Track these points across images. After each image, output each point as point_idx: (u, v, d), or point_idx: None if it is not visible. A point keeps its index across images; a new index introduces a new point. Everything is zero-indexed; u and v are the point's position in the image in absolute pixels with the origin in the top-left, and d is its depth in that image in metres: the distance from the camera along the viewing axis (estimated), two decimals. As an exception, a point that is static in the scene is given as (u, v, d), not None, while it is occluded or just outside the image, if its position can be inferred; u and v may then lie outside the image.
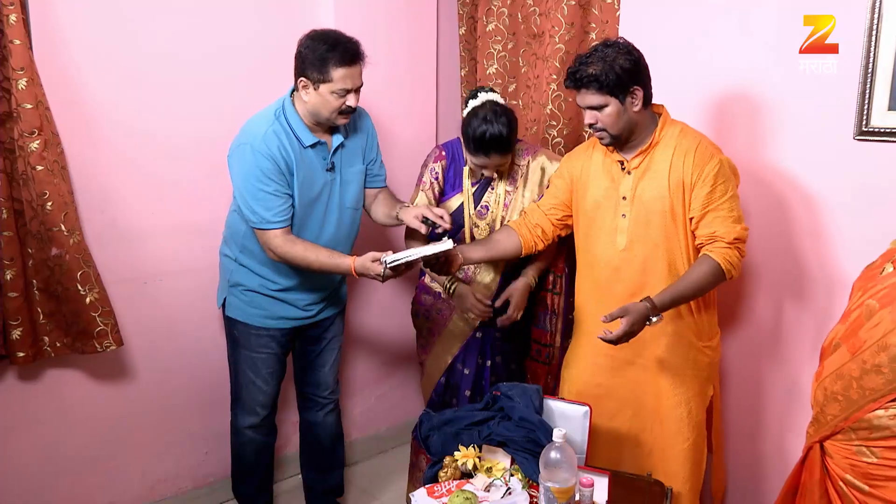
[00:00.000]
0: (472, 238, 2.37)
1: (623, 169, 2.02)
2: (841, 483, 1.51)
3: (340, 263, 2.11)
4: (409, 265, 2.04)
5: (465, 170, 2.38)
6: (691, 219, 1.95)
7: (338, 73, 2.04)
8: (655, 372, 2.06)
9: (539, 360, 2.58)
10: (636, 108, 1.92)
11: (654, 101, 2.02)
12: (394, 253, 2.05)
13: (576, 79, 1.91)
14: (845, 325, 1.55)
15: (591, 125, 1.96)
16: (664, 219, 1.97)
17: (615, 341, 1.82)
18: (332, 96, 2.06)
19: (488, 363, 2.48)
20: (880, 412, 1.43)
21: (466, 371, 2.47)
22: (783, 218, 2.20)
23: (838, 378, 1.52)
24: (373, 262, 2.05)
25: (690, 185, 1.93)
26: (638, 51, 1.92)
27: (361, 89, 2.15)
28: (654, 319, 1.83)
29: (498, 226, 2.35)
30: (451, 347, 2.47)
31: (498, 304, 2.34)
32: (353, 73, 2.07)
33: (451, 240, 2.02)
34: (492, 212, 2.36)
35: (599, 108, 1.91)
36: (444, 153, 2.41)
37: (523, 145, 2.39)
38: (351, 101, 2.09)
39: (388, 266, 2.01)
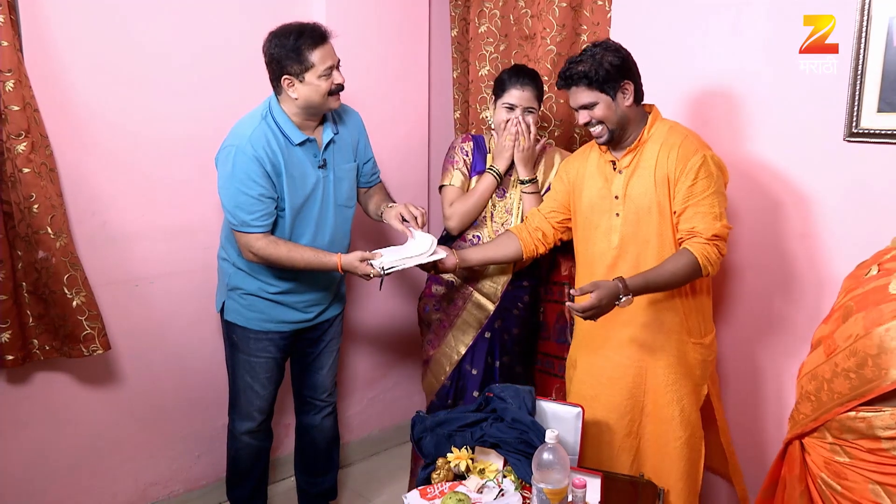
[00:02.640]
0: (492, 217, 2.43)
1: (615, 168, 2.03)
2: (819, 481, 1.51)
3: (326, 261, 2.14)
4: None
5: (489, 157, 2.46)
6: (675, 213, 1.96)
7: (316, 56, 2.06)
8: (650, 371, 2.07)
9: (552, 373, 2.58)
10: (628, 103, 1.95)
11: (646, 102, 2.04)
12: (382, 251, 2.14)
13: (566, 77, 1.95)
14: (827, 325, 1.55)
15: (585, 124, 1.99)
16: (653, 215, 1.98)
17: (582, 312, 1.81)
18: (320, 80, 2.08)
19: (497, 364, 2.48)
20: (851, 413, 1.43)
21: (474, 371, 2.48)
22: (775, 218, 2.20)
23: (812, 378, 1.52)
24: (360, 261, 2.10)
25: (674, 179, 1.94)
26: (626, 49, 1.96)
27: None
28: (624, 299, 1.83)
29: (514, 208, 2.40)
30: (466, 337, 2.47)
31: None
32: (328, 49, 2.10)
33: (444, 249, 2.16)
34: (509, 195, 2.43)
35: (591, 105, 1.94)
36: (469, 137, 2.52)
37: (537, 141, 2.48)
38: (337, 78, 2.12)
39: (385, 273, 2.08)
